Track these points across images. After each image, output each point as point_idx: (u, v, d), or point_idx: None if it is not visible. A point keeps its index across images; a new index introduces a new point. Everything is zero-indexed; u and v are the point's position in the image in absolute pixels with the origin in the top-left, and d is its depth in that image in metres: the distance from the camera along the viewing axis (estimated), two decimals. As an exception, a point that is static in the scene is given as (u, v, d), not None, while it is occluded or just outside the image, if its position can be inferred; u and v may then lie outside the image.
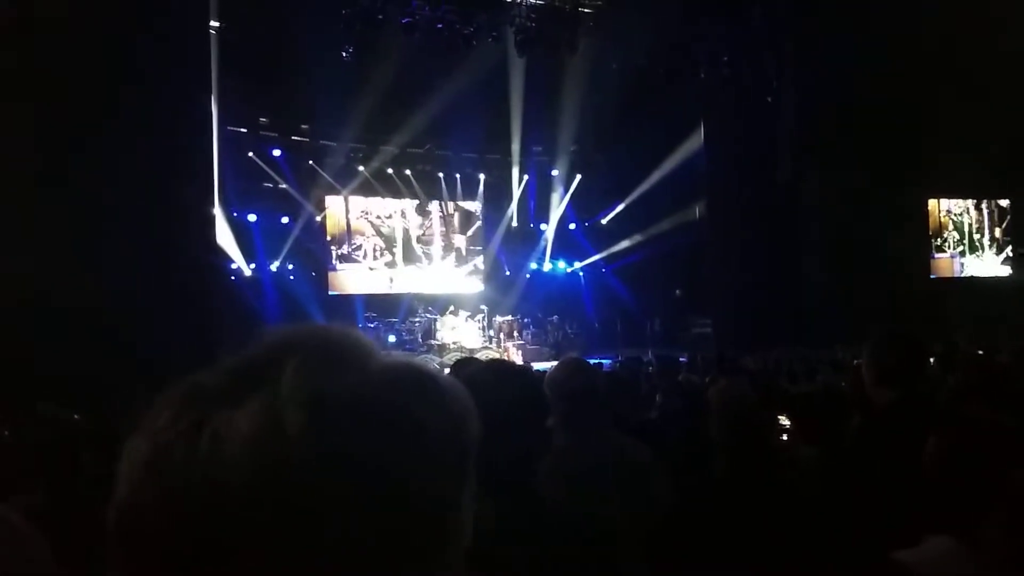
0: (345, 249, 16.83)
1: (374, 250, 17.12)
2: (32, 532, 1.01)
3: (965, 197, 18.66)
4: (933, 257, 18.31)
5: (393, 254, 17.26)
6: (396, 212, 17.44)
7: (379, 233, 17.19)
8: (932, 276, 18.08)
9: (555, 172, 18.44)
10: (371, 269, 17.02)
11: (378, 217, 17.25)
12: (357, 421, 0.54)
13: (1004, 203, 18.94)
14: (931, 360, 5.00)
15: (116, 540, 0.54)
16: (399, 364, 0.61)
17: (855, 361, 5.84)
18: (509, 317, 16.26)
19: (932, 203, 18.28)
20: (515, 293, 17.86)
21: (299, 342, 0.59)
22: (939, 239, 18.49)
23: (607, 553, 1.45)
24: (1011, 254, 18.91)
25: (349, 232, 16.89)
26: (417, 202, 17.62)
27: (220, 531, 0.50)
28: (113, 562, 0.54)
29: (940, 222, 18.56)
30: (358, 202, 17.03)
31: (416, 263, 17.48)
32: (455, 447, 0.60)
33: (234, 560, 0.50)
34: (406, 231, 17.45)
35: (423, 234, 17.62)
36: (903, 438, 2.21)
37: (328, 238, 16.70)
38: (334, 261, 16.72)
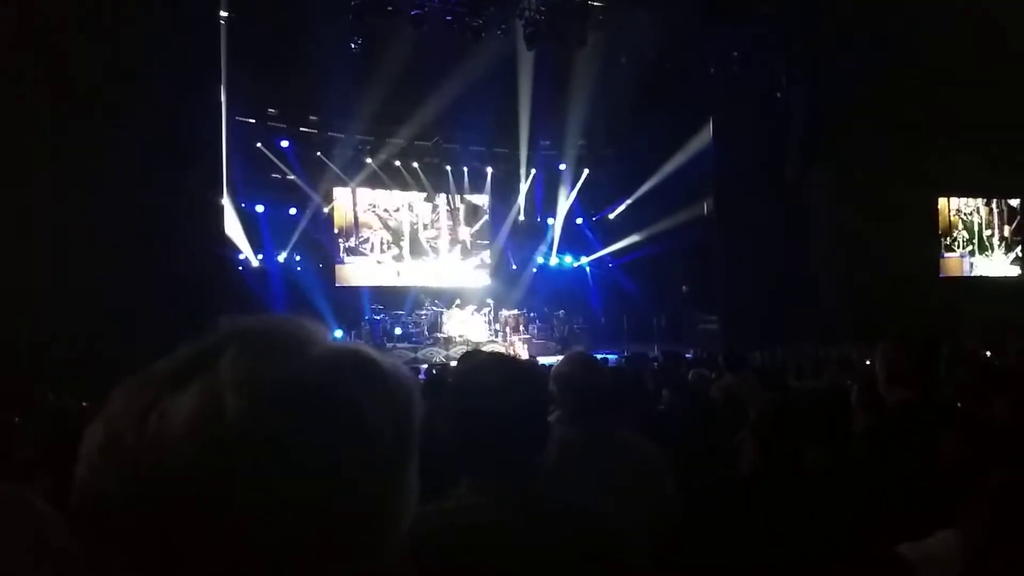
0: (352, 242, 16.83)
1: (381, 243, 17.11)
2: (56, 516, 1.03)
3: (975, 196, 18.55)
4: (942, 256, 18.22)
5: (400, 247, 17.25)
6: (403, 205, 17.43)
7: (386, 226, 17.19)
8: (941, 275, 17.99)
9: (563, 166, 18.38)
10: (378, 262, 17.02)
11: (385, 210, 17.24)
12: (293, 404, 0.56)
13: (1014, 202, 18.83)
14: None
15: (79, 520, 0.56)
16: (339, 349, 0.63)
17: (866, 361, 5.83)
18: (515, 311, 16.26)
19: (941, 202, 18.18)
20: (521, 287, 17.84)
21: (243, 330, 0.61)
22: (948, 238, 18.39)
23: (610, 549, 1.45)
24: (1020, 254, 18.81)
25: (357, 225, 16.90)
26: (424, 195, 17.61)
27: (168, 510, 0.53)
28: (80, 540, 0.57)
29: (949, 221, 18.46)
30: (365, 195, 17.04)
31: (423, 256, 17.47)
32: (395, 428, 0.61)
33: (183, 538, 0.53)
34: (413, 224, 17.45)
35: (430, 227, 17.61)
36: (914, 437, 2.21)
37: (336, 231, 16.71)
38: (341, 254, 16.73)
